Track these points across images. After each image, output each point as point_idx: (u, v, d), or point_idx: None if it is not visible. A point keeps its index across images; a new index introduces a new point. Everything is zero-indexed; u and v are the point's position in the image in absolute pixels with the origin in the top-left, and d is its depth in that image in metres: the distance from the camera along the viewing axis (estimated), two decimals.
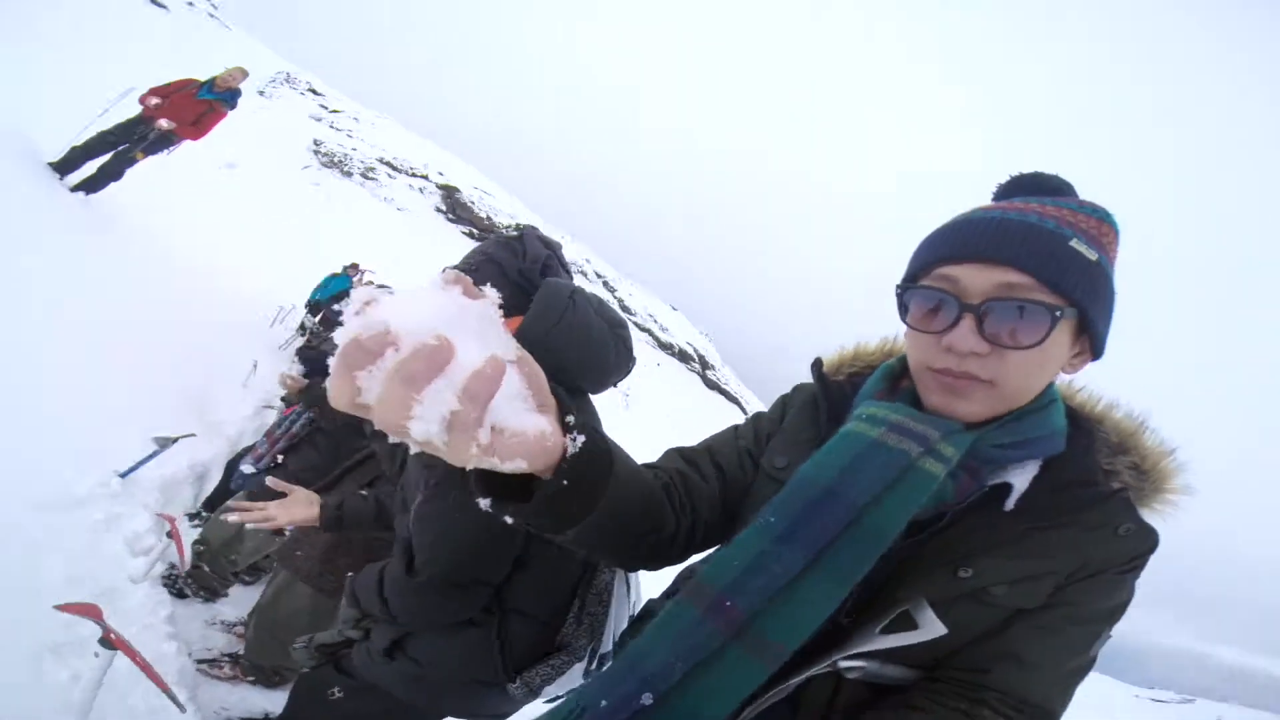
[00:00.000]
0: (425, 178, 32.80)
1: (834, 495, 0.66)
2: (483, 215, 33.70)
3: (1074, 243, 0.66)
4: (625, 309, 40.32)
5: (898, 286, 0.74)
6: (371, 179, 28.55)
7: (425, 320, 0.37)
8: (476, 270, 1.23)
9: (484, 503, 0.54)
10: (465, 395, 0.38)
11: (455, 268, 1.08)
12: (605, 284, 40.66)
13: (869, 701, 0.71)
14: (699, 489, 0.83)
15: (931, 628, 0.65)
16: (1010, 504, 0.70)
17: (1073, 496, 0.70)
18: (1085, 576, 0.69)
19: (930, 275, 0.70)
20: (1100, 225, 0.69)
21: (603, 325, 1.23)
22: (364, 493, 1.62)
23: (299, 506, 1.53)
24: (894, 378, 0.81)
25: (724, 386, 44.32)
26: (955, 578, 0.69)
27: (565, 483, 0.54)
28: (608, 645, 1.21)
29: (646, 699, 0.64)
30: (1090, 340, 0.72)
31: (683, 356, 41.79)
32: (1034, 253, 0.64)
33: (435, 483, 1.06)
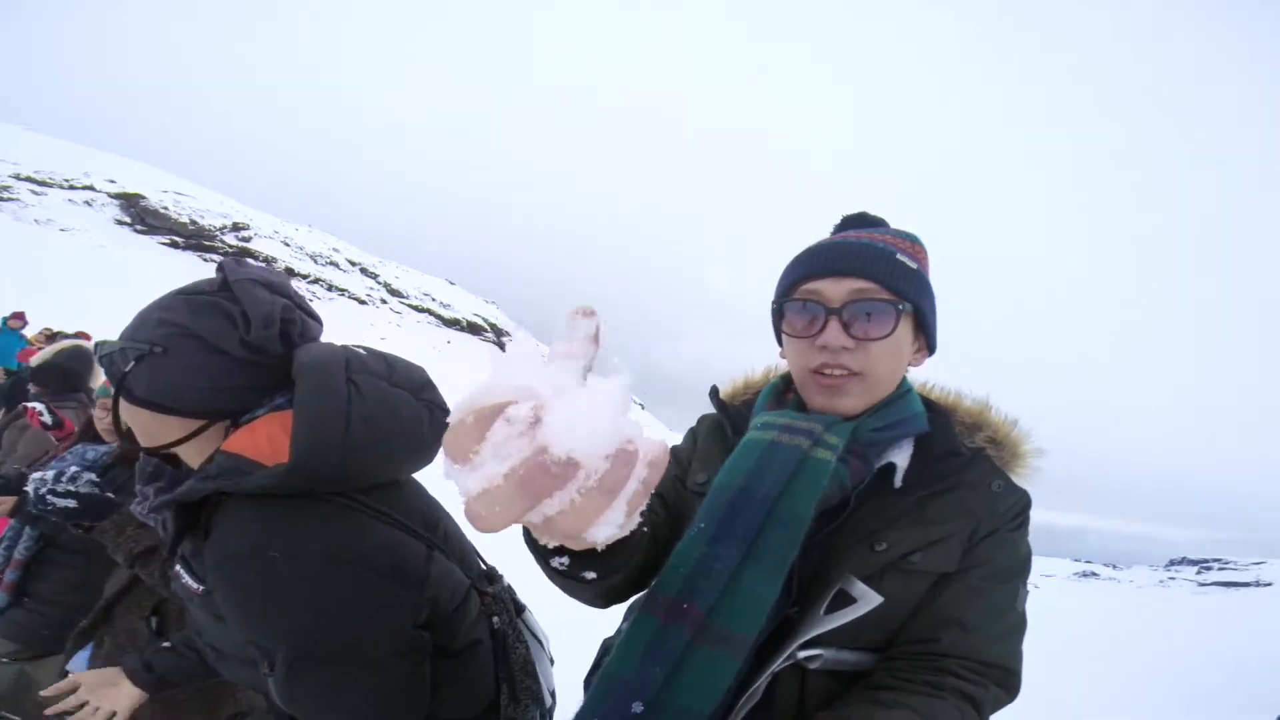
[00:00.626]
0: (90, 188, 26.20)
1: (748, 493, 0.75)
2: (185, 220, 28.17)
3: (899, 256, 0.82)
4: (395, 292, 37.27)
5: (773, 304, 0.87)
6: (9, 199, 22.01)
7: (604, 428, 0.34)
8: (168, 354, 0.84)
9: (562, 562, 0.53)
10: (646, 486, 0.36)
11: (118, 345, 0.86)
12: (364, 270, 37.17)
13: (838, 691, 0.77)
14: (655, 521, 0.86)
15: (868, 599, 0.73)
16: (899, 480, 0.82)
17: (947, 464, 0.83)
18: (984, 536, 0.80)
19: (798, 291, 0.84)
20: (913, 245, 0.86)
21: (405, 397, 0.94)
22: (166, 644, 1.30)
23: (109, 691, 1.25)
24: (779, 393, 0.94)
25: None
26: (873, 552, 0.78)
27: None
28: (549, 701, 1.16)
29: (637, 707, 0.69)
30: (926, 337, 0.88)
31: (473, 329, 40.31)
32: (873, 265, 0.80)
33: (293, 659, 0.80)
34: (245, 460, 0.81)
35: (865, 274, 0.80)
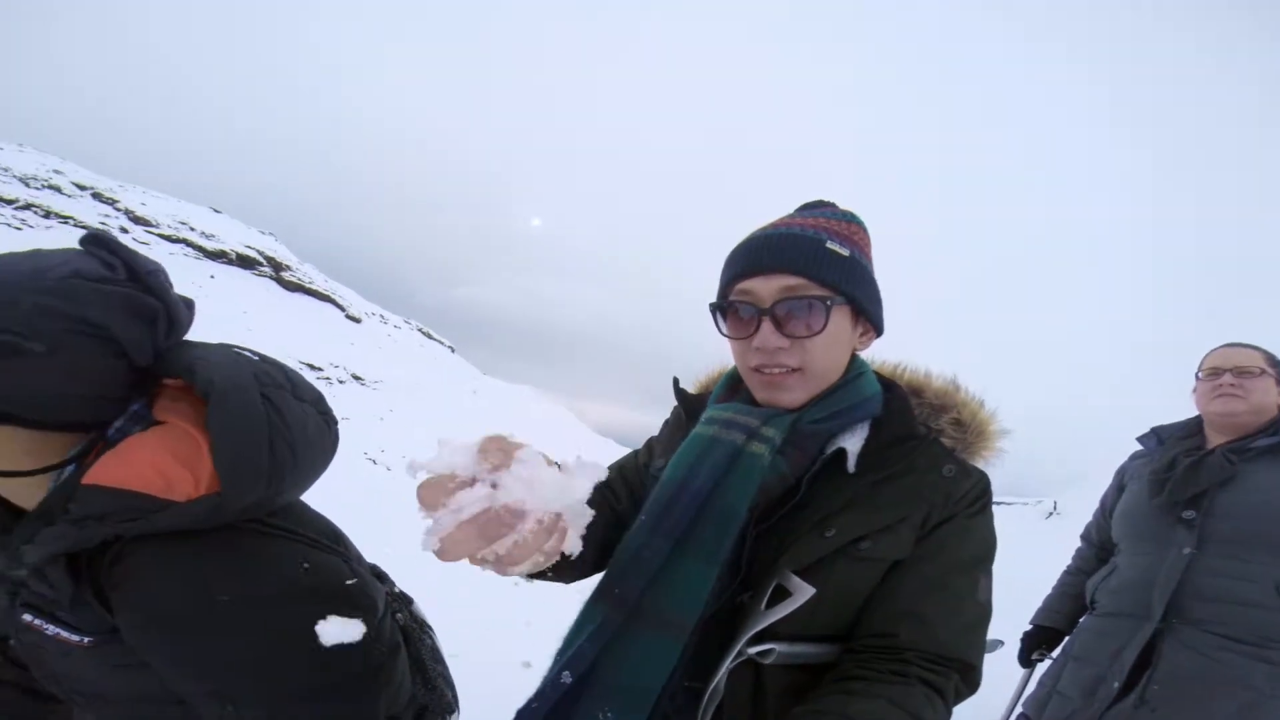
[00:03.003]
0: None
1: (684, 488, 0.80)
2: None
3: (829, 244, 0.81)
4: (140, 220, 32.44)
5: (710, 305, 0.88)
6: None
7: (544, 493, 0.53)
8: (52, 355, 0.67)
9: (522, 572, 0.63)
10: (559, 538, 0.56)
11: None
12: (97, 195, 31.67)
13: (806, 683, 0.77)
14: (616, 508, 0.97)
15: (801, 592, 0.74)
16: (851, 465, 0.82)
17: (900, 448, 0.83)
18: (940, 522, 0.80)
19: (733, 292, 0.85)
20: (850, 226, 0.85)
21: (311, 411, 0.84)
22: None
23: None
24: (734, 383, 0.97)
25: (308, 285, 40.99)
26: (823, 539, 0.78)
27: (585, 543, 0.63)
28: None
29: (566, 678, 0.75)
30: (869, 321, 0.88)
31: (245, 262, 36.48)
32: (799, 258, 0.80)
33: (290, 705, 0.74)
34: (139, 495, 0.67)
35: (793, 269, 0.79)
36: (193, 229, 34.83)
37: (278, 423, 0.76)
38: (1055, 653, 1.94)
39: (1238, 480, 1.65)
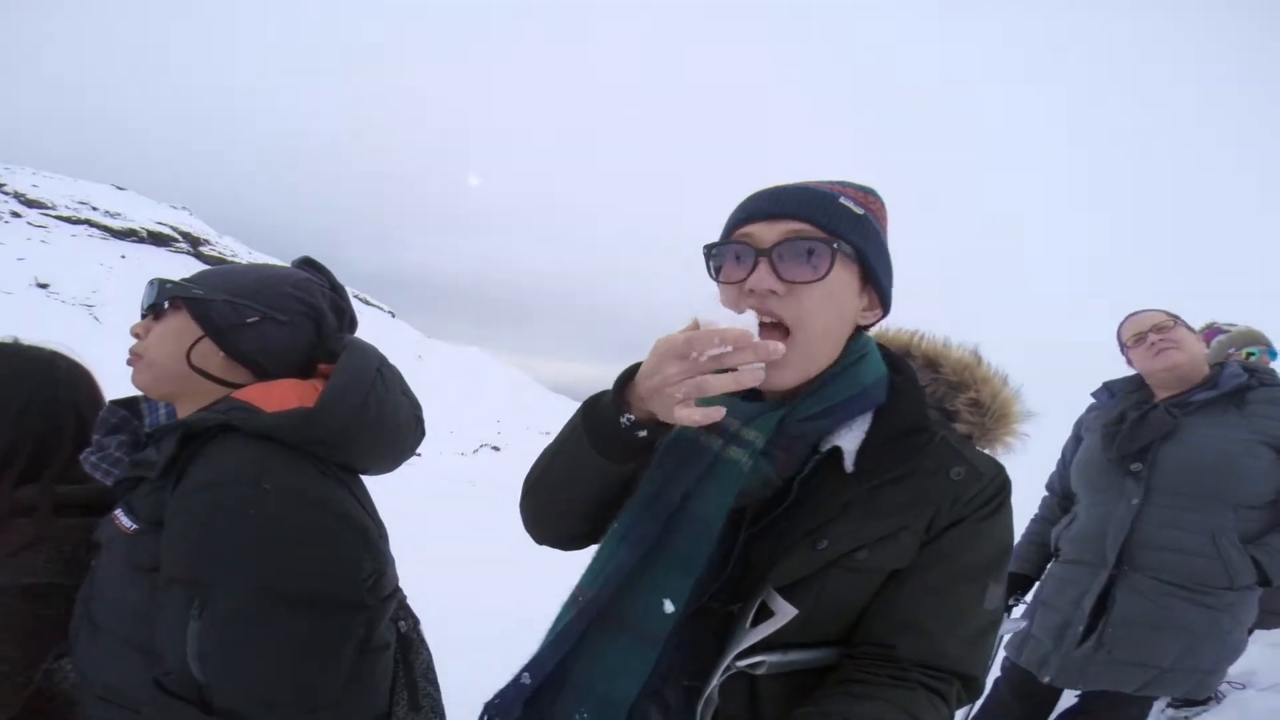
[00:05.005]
0: None
1: (659, 496, 0.75)
2: None
3: (842, 200, 0.77)
4: (33, 203, 30.44)
5: (704, 247, 0.81)
6: None
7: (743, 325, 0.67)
8: (289, 326, 0.97)
9: (629, 418, 0.71)
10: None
11: (219, 295, 0.94)
12: None
13: (805, 687, 0.74)
14: None
15: (784, 612, 0.71)
16: (849, 464, 0.75)
17: (905, 445, 0.76)
18: (948, 526, 0.74)
19: (732, 237, 0.79)
20: (865, 195, 0.80)
21: (406, 405, 1.03)
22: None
23: None
24: None
25: (231, 259, 39.40)
26: (814, 551, 0.72)
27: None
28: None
29: (525, 679, 0.74)
30: (877, 292, 0.81)
31: (158, 239, 34.74)
32: (809, 205, 0.75)
33: (255, 597, 0.79)
34: (254, 406, 0.87)
35: (801, 215, 0.75)
36: (95, 208, 33.16)
37: (380, 389, 0.97)
38: (1028, 597, 2.01)
39: (1179, 434, 1.76)
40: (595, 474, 0.76)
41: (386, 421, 0.97)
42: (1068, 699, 2.02)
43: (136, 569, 0.84)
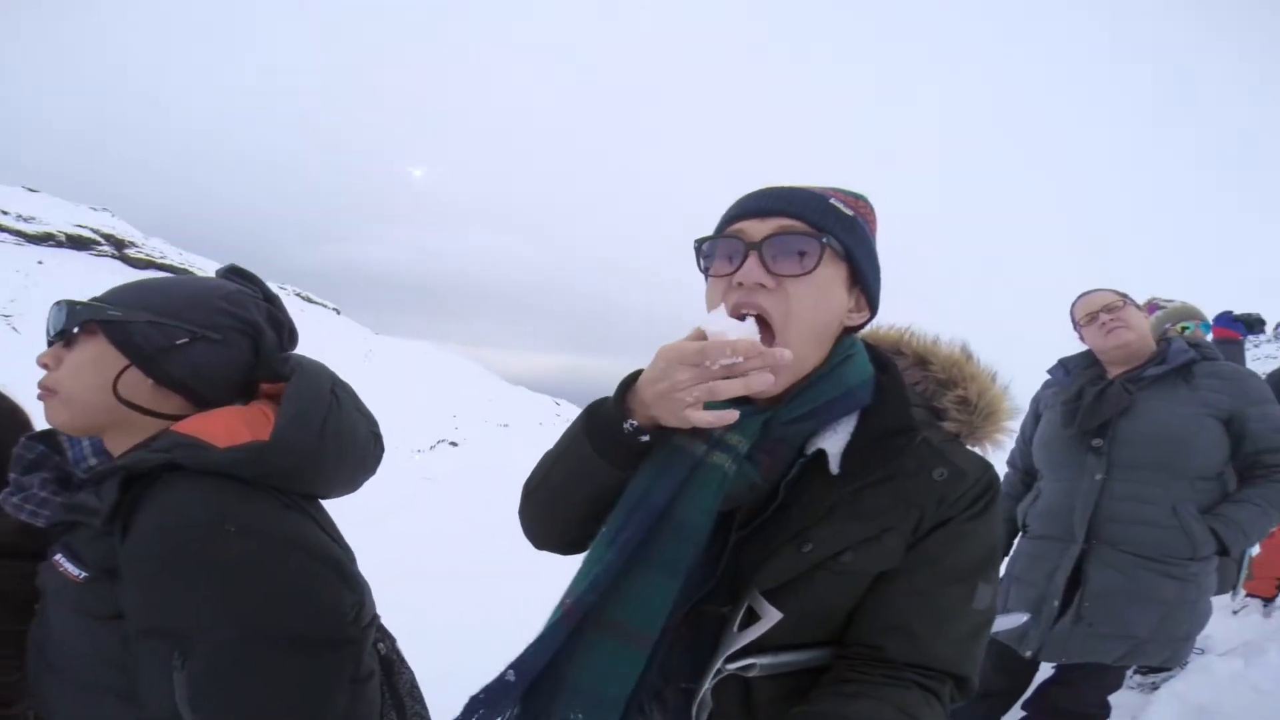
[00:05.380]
0: None
1: (644, 501, 0.75)
2: None
3: (832, 200, 0.79)
4: None
5: (696, 242, 0.82)
6: None
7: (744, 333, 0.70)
8: (224, 345, 0.90)
9: (632, 423, 0.74)
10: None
11: (143, 316, 0.86)
12: None
13: (798, 687, 0.76)
14: None
15: (770, 615, 0.73)
16: (834, 466, 0.76)
17: (889, 444, 0.76)
18: (935, 527, 0.75)
19: (723, 233, 0.81)
20: (855, 200, 0.82)
21: (364, 424, 0.98)
22: None
23: None
24: None
25: (160, 260, 37.32)
26: (800, 554, 0.74)
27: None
28: None
29: (510, 675, 0.74)
30: (865, 294, 0.82)
31: (78, 243, 32.60)
32: (800, 203, 0.77)
33: (239, 642, 0.77)
34: (200, 441, 0.80)
35: (791, 212, 0.77)
36: (6, 212, 30.76)
37: (336, 411, 0.91)
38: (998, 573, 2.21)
39: (1135, 409, 1.81)
40: (596, 479, 0.78)
41: (345, 445, 0.93)
42: (1046, 670, 2.07)
43: (93, 617, 0.80)
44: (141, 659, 0.77)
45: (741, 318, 0.74)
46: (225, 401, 0.91)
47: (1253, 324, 3.13)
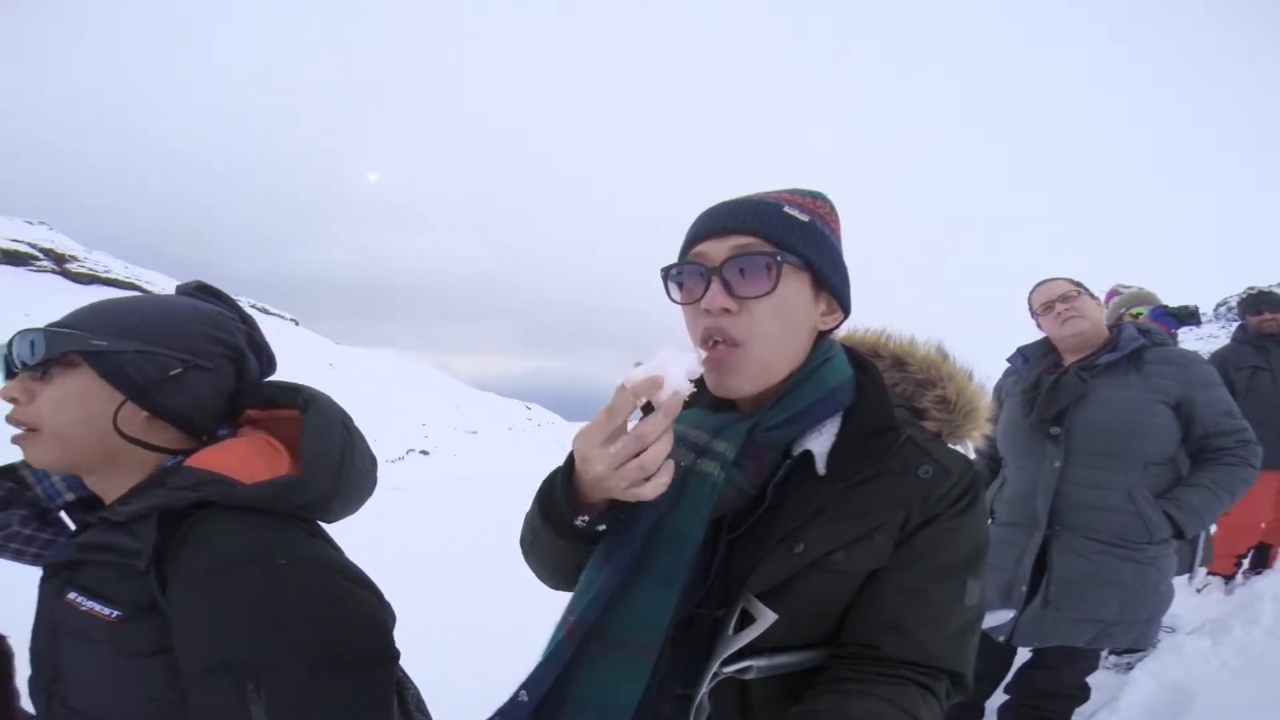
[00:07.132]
0: None
1: (636, 516, 0.75)
2: None
3: (786, 209, 0.78)
4: None
5: (661, 270, 0.83)
6: None
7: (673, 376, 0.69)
8: (213, 373, 0.88)
9: (583, 519, 0.73)
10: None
11: (131, 346, 0.82)
12: None
13: (795, 688, 0.76)
14: None
15: (764, 617, 0.73)
16: (821, 467, 0.77)
17: (873, 444, 0.78)
18: (921, 525, 0.76)
19: (686, 257, 0.81)
20: (813, 201, 0.82)
21: (370, 454, 1.00)
22: None
23: None
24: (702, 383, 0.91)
25: (105, 275, 35.79)
26: (791, 555, 0.74)
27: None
28: None
29: (522, 696, 0.74)
30: (835, 297, 0.82)
31: (14, 258, 31.03)
32: (753, 218, 0.77)
33: (312, 671, 0.77)
34: (224, 476, 0.81)
35: (745, 229, 0.77)
36: None
37: (349, 441, 0.92)
38: None
39: (1089, 396, 1.86)
40: (573, 552, 0.79)
41: (360, 476, 0.95)
42: (1024, 653, 2.13)
43: (135, 654, 0.79)
44: (201, 697, 0.75)
45: (714, 345, 0.76)
46: (213, 429, 0.90)
47: (1184, 317, 3.24)
